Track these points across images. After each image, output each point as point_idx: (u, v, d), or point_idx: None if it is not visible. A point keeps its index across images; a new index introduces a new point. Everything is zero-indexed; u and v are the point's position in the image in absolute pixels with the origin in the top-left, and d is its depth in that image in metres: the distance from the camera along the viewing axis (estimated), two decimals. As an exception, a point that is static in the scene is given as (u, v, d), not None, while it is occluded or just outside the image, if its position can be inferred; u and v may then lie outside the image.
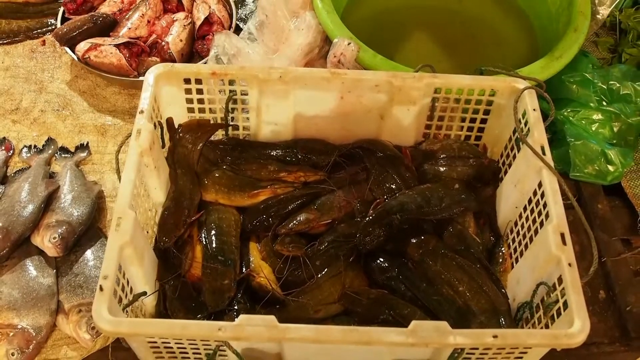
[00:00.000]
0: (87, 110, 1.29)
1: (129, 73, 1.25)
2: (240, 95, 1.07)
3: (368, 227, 0.94)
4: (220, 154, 1.09)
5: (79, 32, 1.28)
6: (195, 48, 1.33)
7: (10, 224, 1.02)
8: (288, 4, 1.23)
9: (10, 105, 1.29)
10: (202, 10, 1.35)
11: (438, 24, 1.43)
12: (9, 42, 1.40)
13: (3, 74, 1.35)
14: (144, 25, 1.30)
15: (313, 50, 1.20)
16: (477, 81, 1.05)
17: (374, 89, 1.06)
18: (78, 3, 1.35)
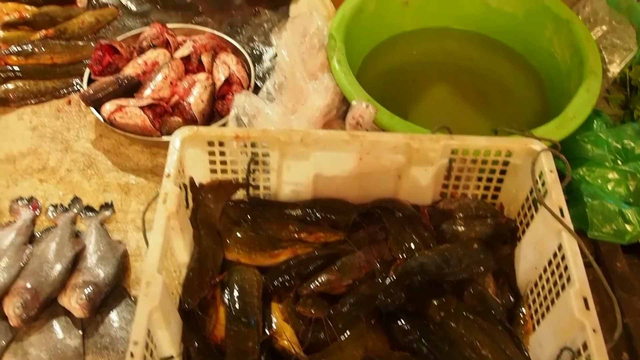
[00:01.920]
0: (111, 169, 1.32)
1: (152, 133, 1.28)
2: (262, 156, 1.10)
3: (389, 289, 0.96)
4: (241, 213, 1.12)
5: (104, 94, 1.32)
6: (215, 107, 1.37)
7: (38, 285, 1.05)
8: (307, 66, 1.27)
9: (38, 165, 1.33)
10: (222, 72, 1.39)
11: (450, 80, 1.46)
12: (37, 102, 1.44)
13: (31, 133, 1.39)
14: (166, 86, 1.34)
15: (331, 111, 1.23)
16: (493, 142, 1.07)
17: (392, 151, 1.08)
18: (103, 65, 1.39)
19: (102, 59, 1.39)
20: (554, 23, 1.38)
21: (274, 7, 1.66)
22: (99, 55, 1.40)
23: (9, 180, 1.30)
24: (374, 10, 1.40)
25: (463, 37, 1.50)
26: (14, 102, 1.43)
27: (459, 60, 1.49)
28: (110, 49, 1.41)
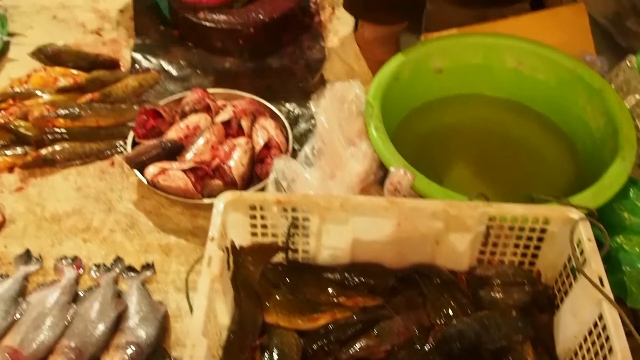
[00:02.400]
0: (153, 229, 1.36)
1: (194, 196, 1.32)
2: (302, 220, 1.12)
3: (429, 356, 0.97)
4: (280, 276, 1.14)
5: (148, 157, 1.36)
6: (255, 171, 1.41)
7: (83, 344, 1.07)
8: (345, 132, 1.31)
9: (82, 225, 1.37)
10: (261, 136, 1.43)
11: (483, 146, 1.48)
12: (82, 163, 1.49)
13: (75, 194, 1.43)
14: (208, 150, 1.39)
15: (369, 176, 1.26)
16: (530, 210, 1.09)
17: (430, 217, 1.10)
18: (147, 128, 1.44)
19: (146, 123, 1.45)
20: (587, 92, 1.40)
21: (310, 71, 1.71)
22: (143, 119, 1.45)
23: (54, 239, 1.34)
24: (408, 78, 1.43)
25: (495, 104, 1.53)
26: (60, 163, 1.48)
27: (492, 126, 1.51)
28: (154, 113, 1.46)
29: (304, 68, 1.72)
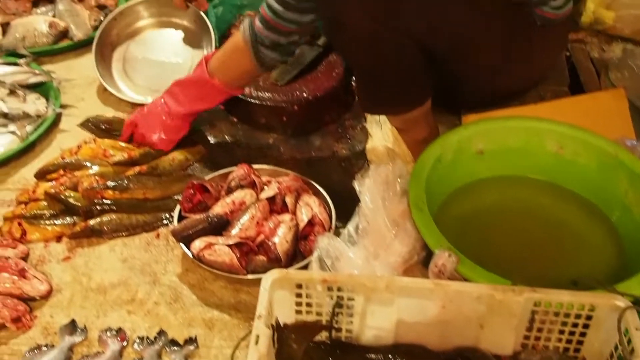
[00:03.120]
0: (196, 303, 1.38)
1: (239, 271, 1.34)
2: (347, 300, 1.13)
3: None
4: (323, 355, 1.14)
5: (194, 231, 1.39)
6: (298, 247, 1.43)
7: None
8: (389, 212, 1.33)
9: (127, 296, 1.39)
10: (305, 213, 1.46)
11: (524, 228, 1.48)
12: (128, 234, 1.53)
13: (121, 265, 1.46)
14: (253, 226, 1.41)
15: (412, 257, 1.27)
16: (576, 297, 1.09)
17: (475, 300, 1.11)
18: (194, 203, 1.48)
19: (193, 197, 1.48)
20: (629, 177, 1.41)
21: (351, 147, 1.75)
22: (190, 193, 1.49)
23: (99, 310, 1.37)
24: (451, 159, 1.46)
25: (537, 186, 1.54)
26: (107, 234, 1.52)
27: (533, 209, 1.52)
28: (200, 188, 1.50)
29: (346, 147, 1.75)
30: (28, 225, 1.54)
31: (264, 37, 1.49)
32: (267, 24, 1.47)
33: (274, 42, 1.50)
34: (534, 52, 1.52)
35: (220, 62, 1.61)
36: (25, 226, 1.54)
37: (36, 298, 1.38)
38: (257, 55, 1.52)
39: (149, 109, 1.73)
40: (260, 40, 1.50)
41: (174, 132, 1.72)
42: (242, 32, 1.52)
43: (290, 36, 1.50)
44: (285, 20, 1.45)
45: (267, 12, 1.46)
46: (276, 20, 1.45)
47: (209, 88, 1.63)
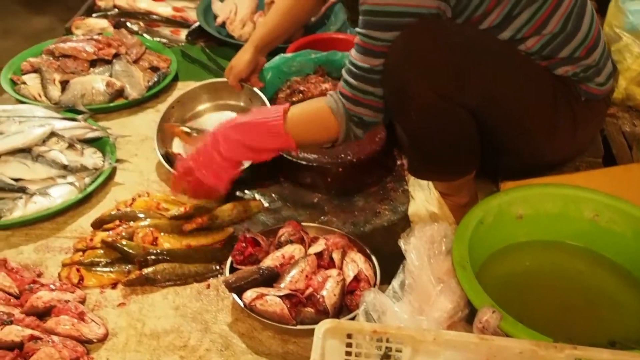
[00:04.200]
0: (246, 351, 1.44)
1: (288, 322, 1.41)
2: (395, 351, 1.19)
3: None
4: (370, 404, 1.19)
5: (246, 282, 1.47)
6: (344, 301, 1.49)
7: None
8: (434, 270, 1.40)
9: (179, 342, 1.46)
10: (351, 269, 1.53)
11: (559, 289, 1.54)
12: (181, 283, 1.60)
13: (174, 312, 1.53)
14: (302, 279, 1.48)
15: (457, 313, 1.33)
16: (616, 356, 1.14)
17: (518, 356, 1.16)
18: (245, 255, 1.56)
19: (245, 250, 1.56)
20: (663, 246, 1.47)
21: (393, 209, 1.83)
22: (242, 246, 1.57)
23: (152, 354, 1.43)
24: (492, 222, 1.53)
25: (573, 252, 1.60)
26: (160, 282, 1.59)
27: (570, 273, 1.58)
28: (252, 242, 1.58)
29: (389, 208, 1.83)
30: (85, 271, 1.62)
31: (354, 113, 1.53)
32: (349, 100, 1.52)
33: (361, 118, 1.53)
34: (577, 125, 1.60)
35: (300, 123, 1.59)
36: (83, 272, 1.62)
37: (93, 341, 1.45)
38: (347, 132, 1.56)
39: (200, 153, 1.65)
40: (350, 117, 1.54)
41: (229, 171, 1.65)
42: (331, 104, 1.54)
43: (371, 110, 1.53)
44: (361, 92, 1.50)
45: (346, 88, 1.52)
46: (354, 93, 1.51)
47: (279, 139, 1.58)
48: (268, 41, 2.04)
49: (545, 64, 1.53)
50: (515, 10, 1.44)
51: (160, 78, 2.31)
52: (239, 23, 2.54)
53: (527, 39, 1.48)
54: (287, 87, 2.14)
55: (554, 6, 1.47)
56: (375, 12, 1.43)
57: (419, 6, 1.40)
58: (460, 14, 1.44)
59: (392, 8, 1.41)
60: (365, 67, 1.47)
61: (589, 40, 1.53)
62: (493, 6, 1.43)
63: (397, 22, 1.41)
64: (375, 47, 1.45)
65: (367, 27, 1.45)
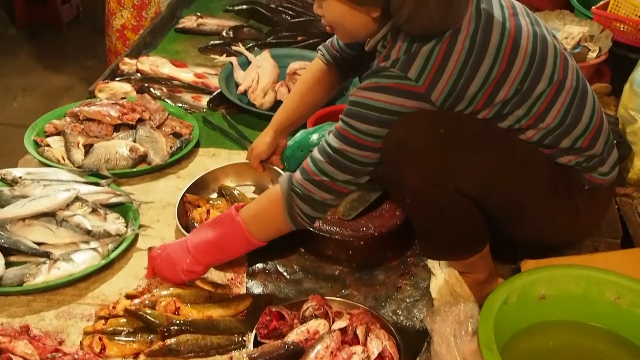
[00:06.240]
0: None
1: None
2: None
3: None
4: None
5: (270, 357, 1.47)
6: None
7: None
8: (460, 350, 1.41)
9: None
10: (375, 346, 1.53)
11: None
12: (203, 355, 1.60)
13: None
14: (327, 355, 1.49)
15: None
16: None
17: None
18: (269, 329, 1.57)
19: (269, 324, 1.57)
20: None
21: (414, 284, 1.84)
22: (267, 319, 1.57)
23: None
24: (515, 302, 1.55)
25: (595, 333, 1.61)
26: (182, 354, 1.59)
27: (592, 353, 1.59)
28: (277, 315, 1.59)
29: (410, 283, 1.84)
30: (107, 340, 1.62)
31: (301, 188, 1.56)
32: (305, 175, 1.56)
33: (308, 193, 1.57)
34: (580, 213, 1.63)
35: (253, 217, 1.66)
36: (105, 341, 1.61)
37: (116, 411, 1.45)
38: (289, 207, 1.59)
39: (168, 249, 1.75)
40: (294, 189, 1.57)
41: (192, 275, 1.74)
42: (281, 185, 1.60)
43: (324, 190, 1.57)
44: (321, 171, 1.55)
45: (310, 164, 1.57)
46: (314, 170, 1.55)
47: (239, 237, 1.66)
48: (287, 125, 2.14)
49: (547, 152, 1.57)
50: (505, 110, 1.49)
51: (182, 144, 2.34)
52: (261, 92, 2.59)
53: (525, 130, 1.53)
54: (309, 158, 2.18)
55: (549, 101, 1.51)
56: (359, 104, 1.50)
57: (402, 106, 1.46)
58: (451, 109, 1.49)
59: (376, 103, 1.48)
60: (338, 150, 1.53)
61: (590, 130, 1.57)
62: (480, 108, 1.49)
63: (378, 117, 1.48)
64: (352, 136, 1.51)
65: (349, 115, 1.52)
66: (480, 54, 1.45)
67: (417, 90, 1.45)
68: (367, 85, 1.50)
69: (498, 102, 1.48)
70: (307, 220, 1.62)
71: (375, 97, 1.47)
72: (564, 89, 1.53)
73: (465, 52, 1.44)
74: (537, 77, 1.49)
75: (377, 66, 1.52)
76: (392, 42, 1.52)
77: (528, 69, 1.48)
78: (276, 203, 1.61)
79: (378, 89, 1.48)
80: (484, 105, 1.48)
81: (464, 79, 1.45)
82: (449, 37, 1.45)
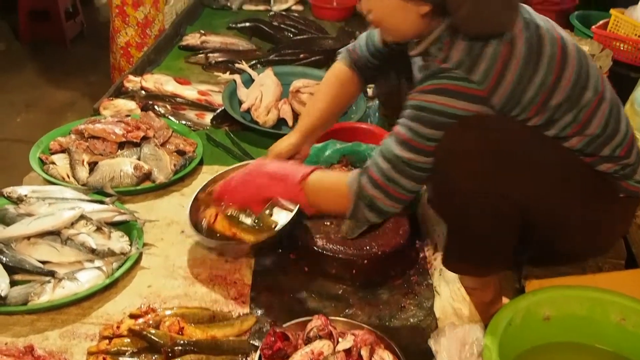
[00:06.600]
0: None
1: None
2: None
3: None
4: None
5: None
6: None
7: None
8: None
9: None
10: (379, 366, 1.53)
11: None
12: (207, 376, 1.61)
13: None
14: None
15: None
16: None
17: None
18: (274, 350, 1.56)
19: (274, 344, 1.56)
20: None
21: (418, 304, 1.84)
22: (271, 340, 1.57)
23: None
24: (520, 323, 1.55)
25: (599, 355, 1.61)
26: (187, 374, 1.59)
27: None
28: (281, 336, 1.58)
29: (414, 303, 1.84)
30: (112, 360, 1.62)
31: (369, 196, 1.57)
32: (372, 182, 1.56)
33: (374, 202, 1.57)
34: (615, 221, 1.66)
35: (316, 189, 1.66)
36: (109, 361, 1.62)
37: None
38: (354, 211, 1.60)
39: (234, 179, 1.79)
40: (362, 198, 1.58)
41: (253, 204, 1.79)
42: (350, 181, 1.60)
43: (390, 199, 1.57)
44: (387, 179, 1.54)
45: (374, 170, 1.56)
46: (381, 178, 1.55)
47: (294, 196, 1.69)
48: (313, 129, 2.02)
49: (588, 160, 1.58)
50: (555, 116, 1.51)
51: (186, 162, 2.35)
52: (264, 110, 2.61)
53: (571, 137, 1.54)
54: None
55: (593, 109, 1.53)
56: (420, 107, 1.49)
57: (465, 110, 1.46)
58: (506, 115, 1.50)
59: (439, 107, 1.47)
60: (399, 156, 1.52)
61: (627, 140, 1.60)
62: (533, 114, 1.50)
63: (440, 120, 1.47)
64: (414, 141, 1.50)
65: (411, 119, 1.51)
66: (537, 61, 1.46)
67: (479, 93, 1.45)
68: (428, 88, 1.49)
69: (550, 108, 1.49)
70: (372, 220, 1.65)
71: (439, 101, 1.47)
72: (605, 99, 1.56)
73: (523, 57, 1.46)
74: (585, 86, 1.52)
75: (437, 67, 1.50)
76: (449, 43, 1.50)
77: (577, 78, 1.50)
78: (342, 197, 1.61)
79: (441, 92, 1.47)
80: (537, 111, 1.49)
81: (522, 85, 1.46)
82: (509, 41, 1.46)
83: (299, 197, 1.68)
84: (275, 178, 1.71)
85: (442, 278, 1.86)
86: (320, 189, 1.68)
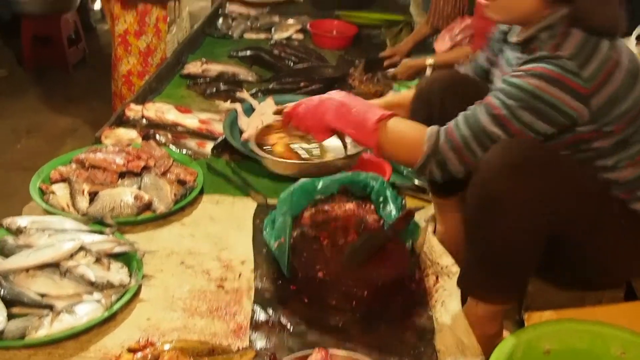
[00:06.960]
0: None
1: None
2: None
3: None
4: None
5: (275, 414, 1.46)
6: None
7: None
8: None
9: None
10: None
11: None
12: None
13: None
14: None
15: None
16: None
17: None
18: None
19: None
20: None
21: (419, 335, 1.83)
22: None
23: None
24: (520, 357, 1.54)
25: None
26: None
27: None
28: (281, 371, 1.58)
29: (414, 334, 1.83)
30: (110, 394, 1.62)
31: (442, 155, 1.58)
32: (450, 142, 1.57)
33: (446, 162, 1.59)
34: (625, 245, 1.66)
35: (393, 134, 1.67)
36: (108, 395, 1.61)
37: None
38: (424, 165, 1.62)
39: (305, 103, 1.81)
40: (435, 154, 1.59)
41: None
42: (429, 135, 1.61)
43: (461, 163, 1.59)
44: (465, 145, 1.56)
45: (455, 132, 1.57)
46: (459, 140, 1.56)
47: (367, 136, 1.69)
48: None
49: (624, 197, 1.59)
50: (635, 137, 1.52)
51: (187, 192, 2.36)
52: (264, 139, 2.62)
53: (626, 168, 1.56)
54: (312, 206, 2.18)
55: None
56: (522, 88, 1.48)
57: (564, 103, 1.46)
58: (591, 122, 1.50)
59: (539, 92, 1.46)
60: (485, 129, 1.53)
61: None
62: (623, 127, 1.51)
63: (538, 107, 1.47)
64: (505, 119, 1.51)
65: (509, 97, 1.50)
66: (636, 75, 1.49)
67: (583, 91, 1.45)
68: (536, 70, 1.48)
69: (633, 130, 1.51)
70: (436, 178, 1.65)
71: (543, 87, 1.46)
72: None
73: (626, 68, 1.47)
74: None
75: (548, 53, 1.48)
76: (564, 33, 1.49)
77: None
78: (416, 148, 1.62)
79: (547, 79, 1.46)
80: (626, 125, 1.50)
81: (621, 95, 1.47)
82: (616, 49, 1.47)
83: (371, 136, 1.67)
84: (350, 112, 1.71)
85: (443, 309, 1.85)
86: (397, 133, 1.68)
